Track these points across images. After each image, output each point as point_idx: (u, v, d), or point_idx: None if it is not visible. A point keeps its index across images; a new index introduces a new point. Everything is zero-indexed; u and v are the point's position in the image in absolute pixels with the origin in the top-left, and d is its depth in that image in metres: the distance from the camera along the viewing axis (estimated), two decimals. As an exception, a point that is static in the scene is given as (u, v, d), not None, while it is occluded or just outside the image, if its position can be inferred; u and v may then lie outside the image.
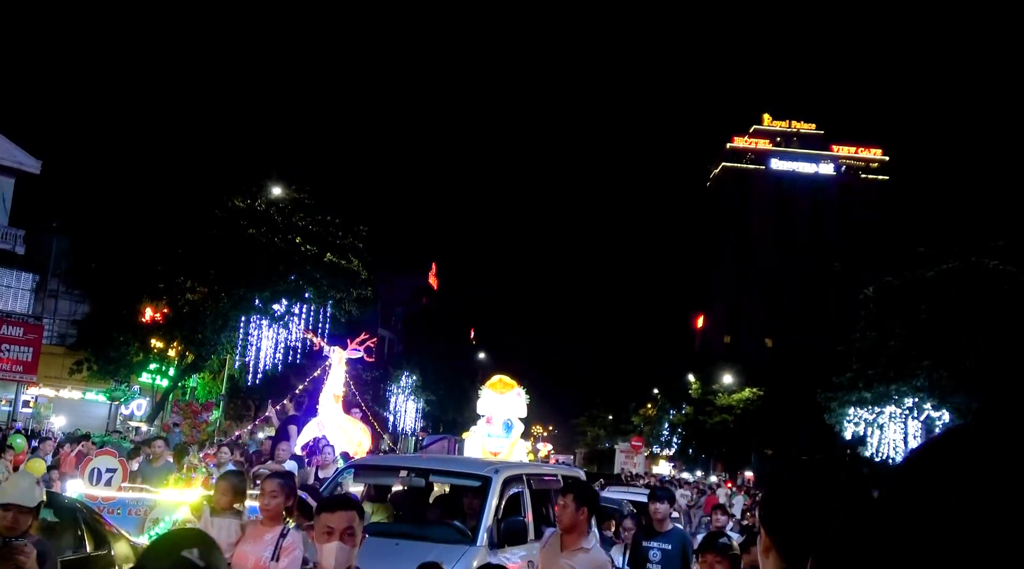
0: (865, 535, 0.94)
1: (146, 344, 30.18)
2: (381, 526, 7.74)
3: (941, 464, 0.88)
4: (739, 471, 66.08)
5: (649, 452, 69.14)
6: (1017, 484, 0.83)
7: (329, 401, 18.75)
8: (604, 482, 25.07)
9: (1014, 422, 0.87)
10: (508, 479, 7.86)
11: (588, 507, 5.56)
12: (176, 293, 30.12)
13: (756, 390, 63.88)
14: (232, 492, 6.07)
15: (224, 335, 30.76)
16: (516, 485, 8.07)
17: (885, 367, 37.22)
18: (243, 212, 30.79)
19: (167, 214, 29.17)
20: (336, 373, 19.40)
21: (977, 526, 0.82)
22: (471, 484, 8.05)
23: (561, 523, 5.54)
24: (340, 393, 19.23)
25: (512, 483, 7.98)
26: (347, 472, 8.84)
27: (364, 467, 9.21)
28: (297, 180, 33.01)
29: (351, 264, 32.48)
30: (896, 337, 36.60)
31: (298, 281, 31.50)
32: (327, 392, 18.97)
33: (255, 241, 30.10)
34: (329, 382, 19.27)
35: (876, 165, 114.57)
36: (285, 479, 5.88)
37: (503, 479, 7.71)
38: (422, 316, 64.70)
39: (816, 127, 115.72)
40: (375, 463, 10.20)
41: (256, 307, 31.21)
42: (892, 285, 38.09)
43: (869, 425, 40.01)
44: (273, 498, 5.47)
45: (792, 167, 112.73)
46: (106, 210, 30.06)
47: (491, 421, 18.33)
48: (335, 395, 18.94)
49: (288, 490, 5.66)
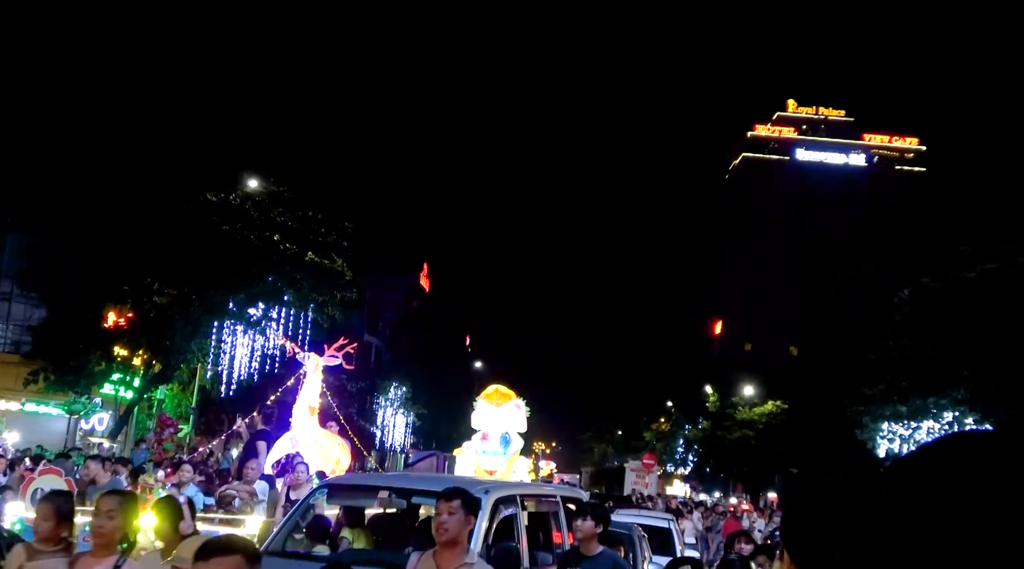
0: (866, 535, 1.00)
1: (109, 352, 30.10)
2: (358, 554, 7.66)
3: (943, 463, 0.93)
4: (761, 492, 66.01)
5: (662, 471, 69.09)
6: (1018, 485, 0.88)
7: (304, 414, 18.57)
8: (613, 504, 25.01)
9: (1018, 426, 0.93)
10: (500, 500, 7.75)
11: (476, 516, 5.51)
12: (142, 296, 30.05)
13: (780, 403, 63.82)
14: (55, 518, 5.34)
15: (195, 342, 30.70)
16: (509, 507, 7.96)
17: (922, 378, 37.16)
18: (216, 206, 30.73)
19: (132, 209, 29.10)
20: (312, 382, 19.23)
21: (977, 526, 0.87)
22: None
23: (447, 533, 5.44)
24: (316, 405, 19.08)
25: (504, 504, 7.87)
26: (320, 493, 8.67)
27: (339, 487, 9.03)
28: (276, 171, 32.97)
29: (334, 264, 32.42)
30: (934, 345, 36.54)
31: (276, 283, 31.45)
32: (301, 403, 18.79)
33: (229, 239, 30.04)
34: (304, 392, 19.09)
35: (911, 155, 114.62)
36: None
37: (494, 500, 7.61)
38: (413, 321, 64.63)
39: (846, 114, 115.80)
40: (352, 483, 10.01)
41: (230, 311, 31.15)
42: (929, 287, 38.04)
43: (905, 442, 39.94)
44: (106, 520, 5.03)
45: (819, 157, 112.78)
46: (64, 205, 29.99)
47: (487, 436, 18.27)
48: (310, 407, 18.77)
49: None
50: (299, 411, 18.69)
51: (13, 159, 30.87)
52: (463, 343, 79.55)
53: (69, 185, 30.16)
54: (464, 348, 79.01)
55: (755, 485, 67.67)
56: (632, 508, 24.66)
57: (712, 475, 71.58)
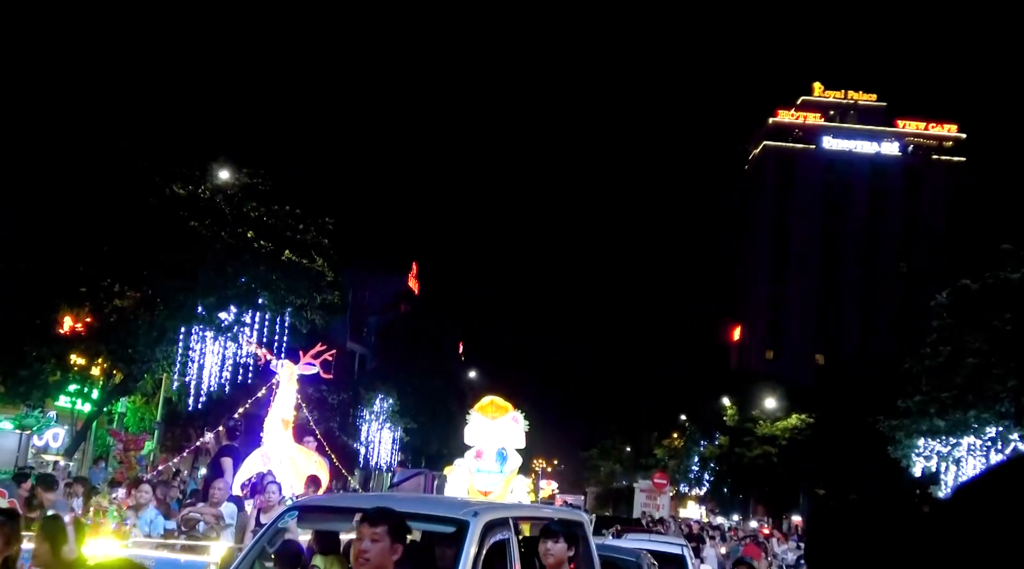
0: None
1: (64, 361, 30.01)
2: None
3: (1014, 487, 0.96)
4: (784, 515, 66.08)
5: (675, 491, 69.10)
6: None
7: (276, 428, 18.44)
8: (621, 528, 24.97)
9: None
10: (491, 524, 7.65)
11: (402, 543, 5.44)
12: (101, 299, 29.98)
13: (805, 416, 63.88)
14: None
15: (160, 350, 30.62)
16: (501, 531, 7.87)
17: (962, 389, 37.14)
18: (183, 201, 30.65)
19: (90, 203, 29.02)
20: (285, 393, 19.09)
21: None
22: (443, 529, 7.84)
23: (367, 563, 5.37)
24: (290, 418, 18.93)
25: (496, 529, 7.77)
26: (289, 515, 8.39)
27: (312, 509, 8.81)
28: (250, 161, 32.92)
29: (314, 263, 32.38)
30: (975, 352, 36.53)
31: (250, 284, 31.40)
32: (274, 417, 18.64)
33: (198, 236, 29.98)
34: (276, 404, 18.94)
35: (950, 144, 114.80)
36: (7, 522, 5.50)
37: (484, 523, 7.50)
38: (401, 326, 64.65)
39: (877, 98, 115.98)
40: (326, 504, 9.75)
41: (199, 316, 31.09)
42: (970, 290, 38.04)
43: (943, 459, 39.93)
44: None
45: (848, 146, 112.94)
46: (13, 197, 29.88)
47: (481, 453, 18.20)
48: (284, 420, 18.62)
49: (6, 533, 5.27)
50: (271, 425, 18.48)
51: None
52: (456, 351, 79.56)
53: (15, 172, 30.02)
54: (457, 356, 79.03)
55: (777, 507, 67.71)
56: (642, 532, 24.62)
57: (730, 496, 71.63)
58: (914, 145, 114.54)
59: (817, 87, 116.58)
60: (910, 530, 1.40)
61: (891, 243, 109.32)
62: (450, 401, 60.33)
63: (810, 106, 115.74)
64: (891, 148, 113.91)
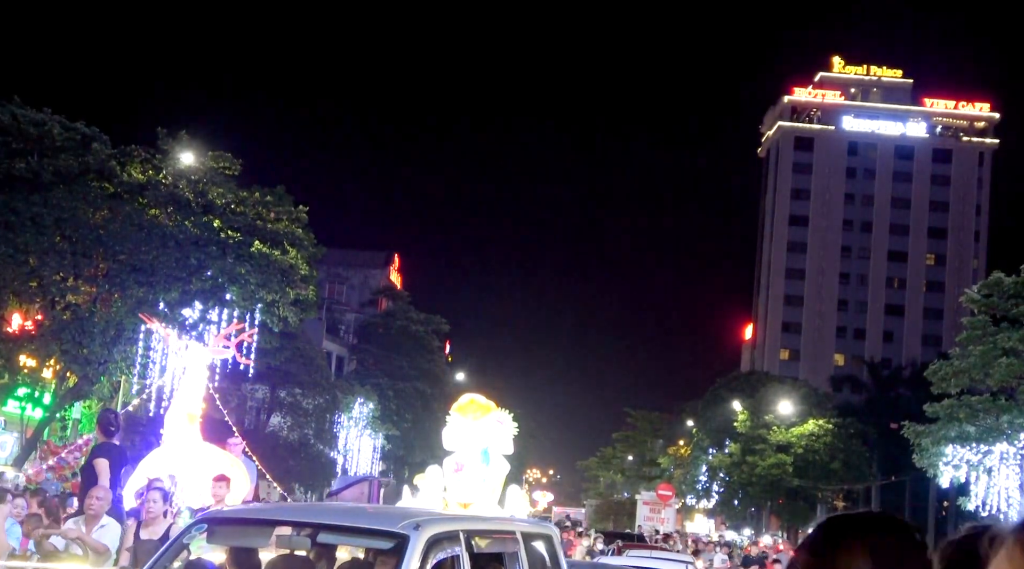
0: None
1: (13, 362, 29.99)
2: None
3: None
4: (800, 529, 66.18)
5: (681, 504, 69.24)
6: None
7: (179, 423, 17.05)
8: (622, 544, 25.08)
9: None
10: (436, 538, 7.50)
11: None
12: (53, 294, 29.95)
13: (822, 422, 63.97)
14: None
15: (117, 350, 30.59)
16: (448, 546, 7.70)
17: (994, 392, 37.20)
18: (142, 186, 30.58)
19: (40, 190, 28.96)
20: (192, 381, 17.92)
21: None
22: (380, 545, 7.69)
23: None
24: (197, 411, 17.57)
25: (442, 544, 7.63)
26: (197, 529, 7.96)
27: (223, 521, 8.39)
28: (216, 143, 32.87)
29: (287, 256, 32.35)
30: (1009, 352, 36.60)
31: (216, 278, 31.38)
32: (176, 409, 17.39)
33: (159, 225, 29.92)
34: (180, 395, 17.84)
35: (982, 125, 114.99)
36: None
37: (428, 537, 7.31)
38: (381, 324, 64.61)
39: (903, 75, 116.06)
40: (239, 516, 9.11)
41: (160, 313, 31.05)
42: (1003, 283, 38.10)
43: (973, 468, 39.98)
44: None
45: (871, 127, 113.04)
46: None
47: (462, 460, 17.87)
48: (189, 414, 17.17)
49: None
50: (173, 419, 17.17)
51: None
52: (442, 351, 79.53)
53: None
54: (443, 357, 79.00)
55: (794, 520, 67.85)
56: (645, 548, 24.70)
57: (741, 509, 71.74)
58: (943, 126, 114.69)
59: (837, 62, 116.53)
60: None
61: (918, 233, 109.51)
62: (435, 406, 60.30)
63: (829, 83, 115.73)
64: (918, 129, 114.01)
